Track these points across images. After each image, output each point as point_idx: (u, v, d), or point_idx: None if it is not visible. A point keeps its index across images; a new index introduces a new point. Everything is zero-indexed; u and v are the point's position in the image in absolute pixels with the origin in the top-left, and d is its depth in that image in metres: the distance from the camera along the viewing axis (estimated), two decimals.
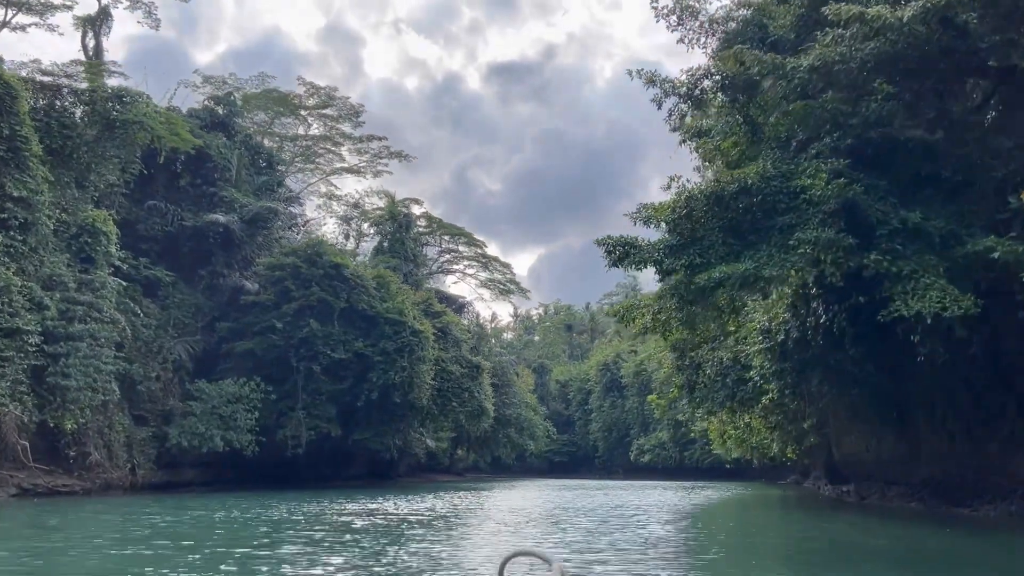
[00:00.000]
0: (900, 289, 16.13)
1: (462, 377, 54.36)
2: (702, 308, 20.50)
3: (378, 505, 28.83)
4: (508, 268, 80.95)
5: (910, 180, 18.62)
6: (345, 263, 49.42)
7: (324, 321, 47.26)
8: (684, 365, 32.28)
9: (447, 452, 74.02)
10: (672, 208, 18.36)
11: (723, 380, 29.35)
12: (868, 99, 18.60)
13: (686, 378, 32.40)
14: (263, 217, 50.03)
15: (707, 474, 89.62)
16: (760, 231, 17.77)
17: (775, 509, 30.61)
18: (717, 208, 17.94)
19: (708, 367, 29.99)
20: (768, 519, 24.59)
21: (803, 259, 16.77)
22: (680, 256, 18.11)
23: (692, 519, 24.68)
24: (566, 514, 24.21)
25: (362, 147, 67.47)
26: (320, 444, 49.42)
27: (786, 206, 17.59)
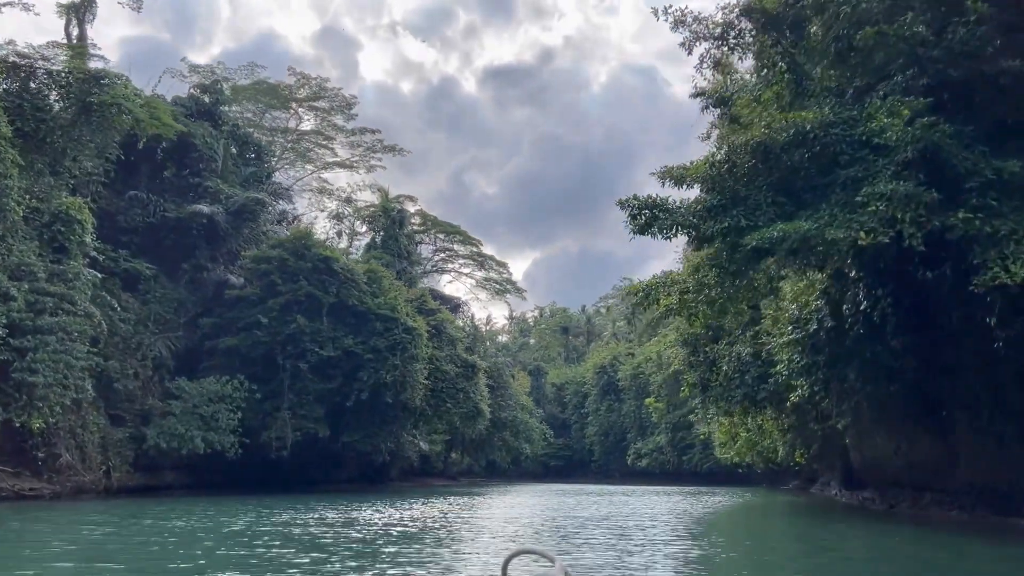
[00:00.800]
0: (997, 253, 13.46)
1: (457, 377, 51.66)
2: (743, 283, 17.73)
3: (359, 513, 26.13)
4: (504, 267, 78.53)
5: (1000, 126, 15.81)
6: (335, 256, 46.76)
7: (312, 317, 44.58)
8: (697, 361, 29.71)
9: (441, 456, 71.23)
10: (710, 163, 15.65)
11: (741, 377, 26.77)
12: (956, 23, 15.68)
13: (699, 375, 29.80)
14: (250, 209, 47.36)
15: (706, 479, 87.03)
16: (817, 188, 15.11)
17: (802, 517, 27.88)
18: (765, 162, 15.25)
19: (725, 363, 27.41)
20: (804, 530, 21.90)
21: (875, 218, 14.09)
22: (721, 219, 15.36)
23: (716, 530, 22.16)
24: (574, 525, 21.55)
25: (355, 140, 64.88)
26: (307, 446, 46.69)
27: (850, 157, 14.93)
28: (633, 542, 16.90)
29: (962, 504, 23.13)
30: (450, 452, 76.68)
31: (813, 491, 54.91)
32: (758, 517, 26.66)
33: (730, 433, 38.93)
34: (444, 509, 29.60)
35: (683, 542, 17.66)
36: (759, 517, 26.79)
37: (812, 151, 14.93)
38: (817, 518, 26.54)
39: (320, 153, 67.53)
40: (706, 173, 15.75)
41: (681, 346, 30.74)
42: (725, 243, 15.56)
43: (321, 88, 61.99)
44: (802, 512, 30.04)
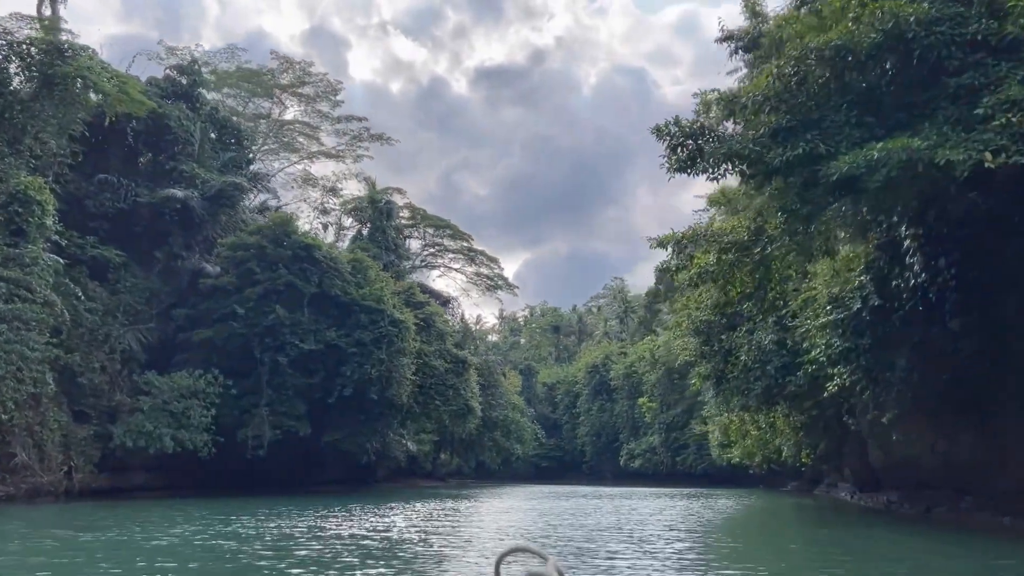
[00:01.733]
0: None
1: (446, 373, 48.57)
2: (815, 232, 14.56)
3: (330, 521, 23.02)
4: (496, 263, 75.36)
5: None
6: (316, 244, 43.61)
7: (292, 308, 41.43)
8: (711, 351, 26.70)
9: (430, 456, 68.02)
10: (775, 75, 12.44)
11: (762, 368, 23.81)
12: None
13: (712, 367, 26.82)
14: (227, 194, 44.19)
15: (701, 480, 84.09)
16: (915, 105, 12.08)
17: (835, 524, 24.66)
18: (845, 73, 12.12)
19: (744, 352, 24.44)
20: (851, 540, 18.82)
21: (1005, 134, 11.06)
22: (792, 144, 12.12)
23: (748, 539, 19.25)
24: (584, 535, 18.51)
25: (341, 128, 61.70)
26: (287, 445, 43.50)
27: (960, 62, 11.95)
28: (664, 560, 13.87)
29: (1010, 509, 20.23)
30: (439, 452, 73.51)
31: (817, 493, 52.05)
32: (786, 524, 23.61)
33: (740, 431, 35.96)
34: (428, 514, 26.52)
35: (721, 556, 14.68)
36: (787, 524, 23.72)
37: (909, 56, 11.86)
38: (853, 525, 23.54)
39: (305, 143, 64.36)
40: (768, 89, 12.52)
41: (692, 335, 27.73)
42: (797, 176, 12.42)
43: (305, 73, 58.84)
44: (830, 517, 26.93)
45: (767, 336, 23.36)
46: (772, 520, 24.92)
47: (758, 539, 20.45)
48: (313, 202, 61.44)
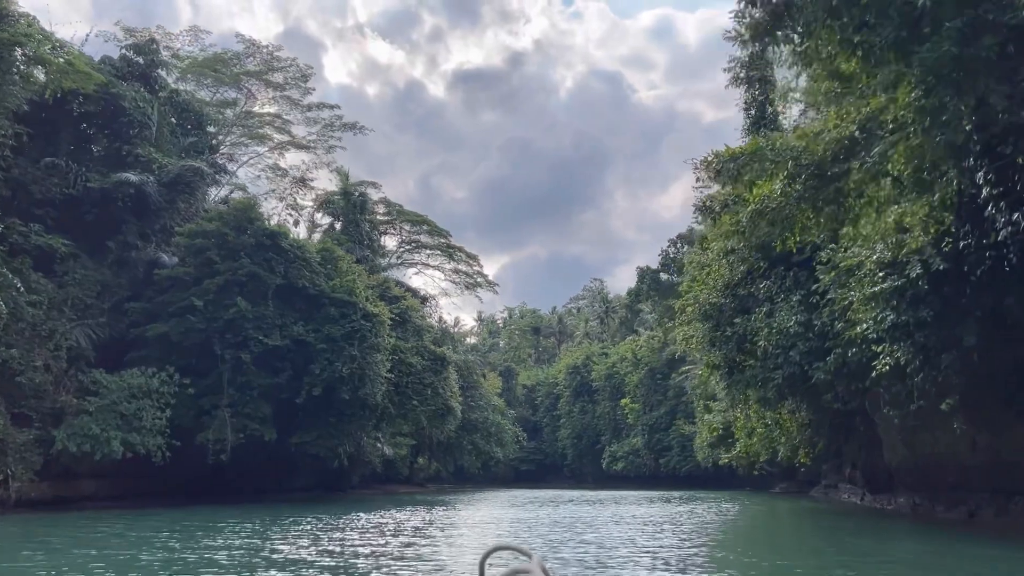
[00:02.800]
0: None
1: (424, 371, 45.06)
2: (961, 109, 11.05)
3: (281, 536, 19.52)
4: (475, 260, 71.79)
5: None
6: (283, 231, 39.97)
7: (256, 300, 37.81)
8: (722, 338, 23.48)
9: (407, 460, 64.33)
10: None
11: (784, 354, 20.60)
12: None
13: (724, 355, 23.59)
14: (186, 180, 40.47)
15: (685, 482, 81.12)
16: None
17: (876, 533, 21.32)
18: None
19: (763, 337, 21.24)
20: (913, 555, 15.73)
21: None
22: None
23: (788, 554, 16.04)
24: (600, 554, 15.20)
25: (312, 116, 57.99)
26: (252, 450, 39.86)
27: None
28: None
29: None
30: (416, 457, 69.87)
31: (815, 495, 49.09)
32: (818, 533, 20.24)
33: (745, 428, 32.74)
34: (399, 525, 23.06)
35: None
36: (819, 533, 20.33)
37: None
38: (894, 533, 20.29)
39: (275, 135, 60.56)
40: None
41: (700, 320, 24.46)
42: (956, 25, 8.95)
43: (273, 58, 55.15)
44: (866, 525, 23.43)
45: (791, 317, 20.16)
46: (802, 528, 21.56)
47: (795, 551, 17.25)
48: (281, 192, 57.65)
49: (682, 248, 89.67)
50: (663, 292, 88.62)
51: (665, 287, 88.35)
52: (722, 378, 24.76)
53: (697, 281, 25.70)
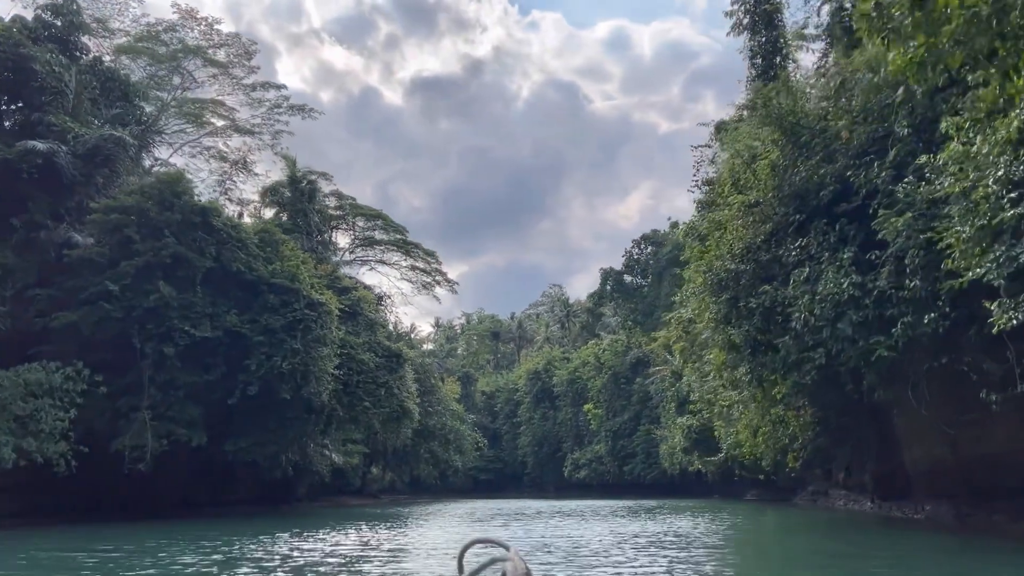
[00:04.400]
0: None
1: (377, 369, 39.75)
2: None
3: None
4: (433, 257, 66.57)
5: None
6: (214, 208, 34.51)
7: (182, 286, 32.35)
8: (743, 311, 18.72)
9: (359, 470, 58.69)
10: None
11: (830, 327, 15.89)
12: None
13: (746, 333, 18.86)
14: (105, 151, 34.89)
15: (651, 490, 76.68)
16: None
17: (939, 553, 16.70)
18: None
19: (800, 308, 16.45)
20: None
21: None
22: None
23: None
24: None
25: (257, 97, 52.52)
26: (180, 458, 34.38)
27: None
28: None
29: None
30: (370, 466, 64.32)
31: (799, 502, 44.87)
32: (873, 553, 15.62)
33: (751, 427, 28.08)
34: (328, 552, 17.93)
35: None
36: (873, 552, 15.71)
37: None
38: (968, 553, 15.76)
39: (217, 123, 54.82)
40: None
41: (714, 291, 19.64)
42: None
43: (212, 29, 49.67)
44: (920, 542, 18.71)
45: (842, 280, 15.49)
46: (874, 551, 16.77)
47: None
48: (220, 175, 51.83)
49: (647, 249, 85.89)
50: (627, 294, 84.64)
51: (629, 289, 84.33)
52: (742, 362, 19.99)
53: (709, 246, 21.10)
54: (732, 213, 20.13)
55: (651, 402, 75.64)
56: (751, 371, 19.54)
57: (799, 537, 20.06)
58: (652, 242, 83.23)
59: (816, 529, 22.57)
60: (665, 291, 78.49)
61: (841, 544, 17.46)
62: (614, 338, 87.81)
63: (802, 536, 20.26)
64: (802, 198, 17.81)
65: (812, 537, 19.84)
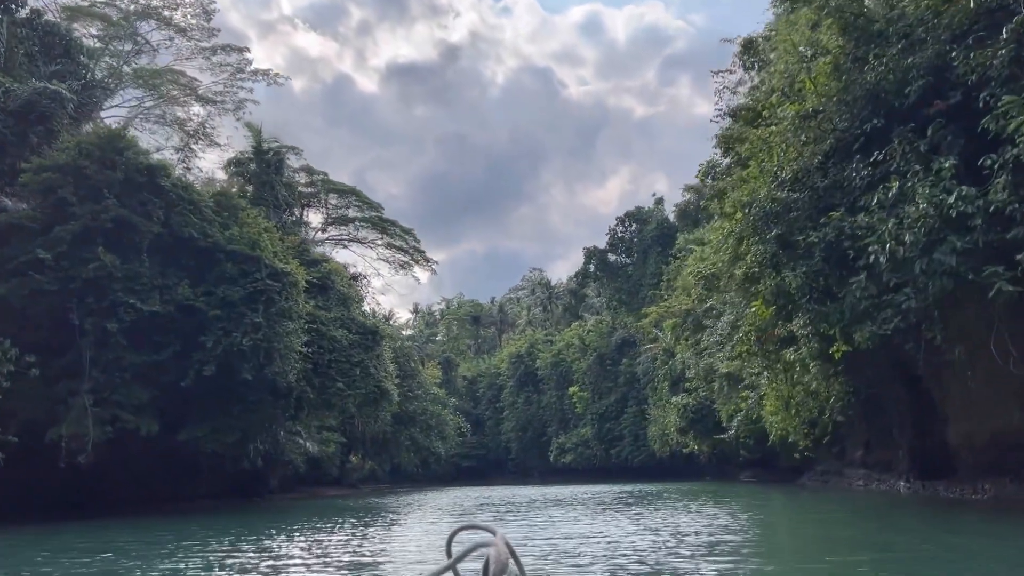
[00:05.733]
0: None
1: (351, 347, 35.67)
2: None
3: None
4: (411, 235, 62.26)
5: None
6: (163, 166, 30.22)
7: (126, 254, 28.12)
8: (801, 249, 14.68)
9: (336, 459, 54.58)
10: None
11: (923, 259, 11.98)
12: None
13: (803, 276, 14.73)
14: (39, 107, 30.50)
15: (639, 473, 73.26)
16: None
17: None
18: None
19: (884, 235, 12.52)
20: None
21: None
22: None
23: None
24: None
25: (218, 62, 48.02)
26: (131, 449, 30.28)
27: None
28: None
29: None
30: (348, 455, 60.27)
31: (807, 482, 41.44)
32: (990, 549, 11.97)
33: (784, 399, 24.26)
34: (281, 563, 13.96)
35: None
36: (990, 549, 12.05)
37: None
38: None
39: (176, 93, 50.17)
40: None
41: (756, 229, 15.55)
42: None
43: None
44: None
45: (943, 196, 11.62)
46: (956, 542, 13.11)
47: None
48: (177, 142, 47.27)
49: (631, 227, 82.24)
50: (612, 273, 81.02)
51: (614, 268, 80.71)
52: (798, 313, 16.03)
53: (750, 172, 17.15)
54: (782, 129, 16.29)
55: (639, 383, 72.21)
56: (810, 323, 15.65)
57: (870, 524, 16.40)
58: (636, 219, 79.62)
59: (884, 515, 18.86)
60: (651, 269, 75.07)
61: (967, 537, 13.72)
62: (598, 319, 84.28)
63: (873, 523, 16.61)
64: (878, 101, 14.05)
65: (909, 524, 16.03)
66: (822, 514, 20.26)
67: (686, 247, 65.51)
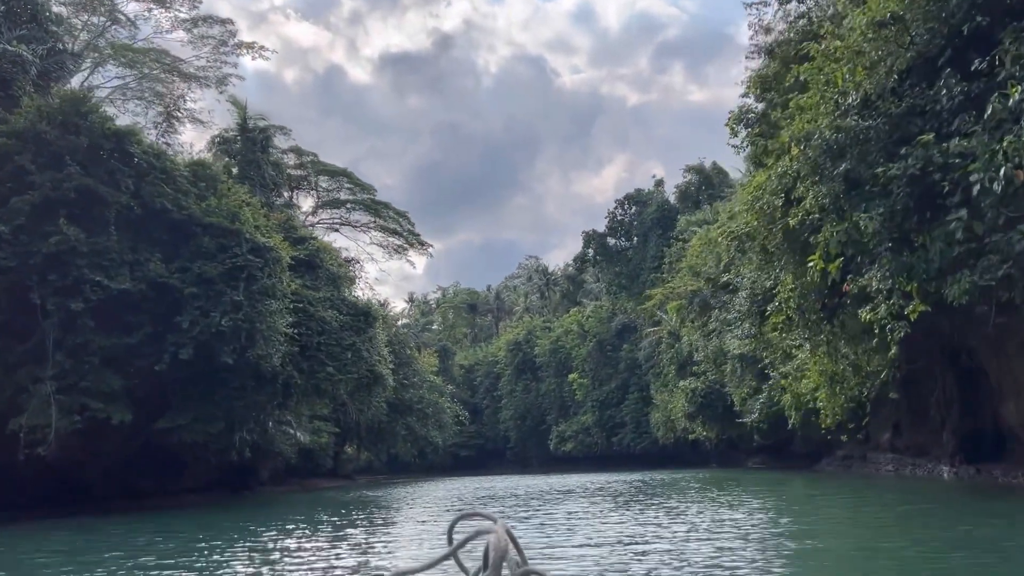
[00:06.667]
0: None
1: (342, 329, 32.98)
2: None
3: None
4: (405, 218, 59.59)
5: None
6: (132, 132, 27.40)
7: (92, 227, 25.35)
8: (880, 184, 11.86)
9: (330, 450, 51.91)
10: None
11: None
12: None
13: (881, 217, 11.89)
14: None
15: (642, 460, 70.80)
16: None
17: None
18: None
19: (999, 157, 9.88)
20: None
21: None
22: None
23: None
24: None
25: (200, 34, 45.12)
26: (109, 440, 27.62)
27: None
28: None
29: None
30: (343, 445, 57.66)
31: (826, 468, 38.97)
32: None
33: (829, 372, 21.70)
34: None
35: None
36: None
37: None
38: None
39: (156, 73, 47.18)
40: None
41: (815, 168, 12.64)
42: None
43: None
44: None
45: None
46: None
47: None
48: (156, 116, 44.33)
49: (631, 210, 79.53)
50: (611, 258, 78.36)
51: (613, 252, 78.05)
52: (877, 261, 13.23)
53: (808, 100, 14.25)
54: (850, 43, 13.49)
55: (640, 369, 69.69)
56: (889, 276, 12.89)
57: (969, 518, 13.84)
58: (636, 202, 76.93)
59: (968, 505, 16.16)
60: (651, 252, 72.48)
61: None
62: (598, 304, 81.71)
63: (969, 517, 14.05)
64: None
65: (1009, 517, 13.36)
66: (893, 505, 17.53)
67: (688, 229, 63.06)
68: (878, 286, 12.63)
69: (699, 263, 48.50)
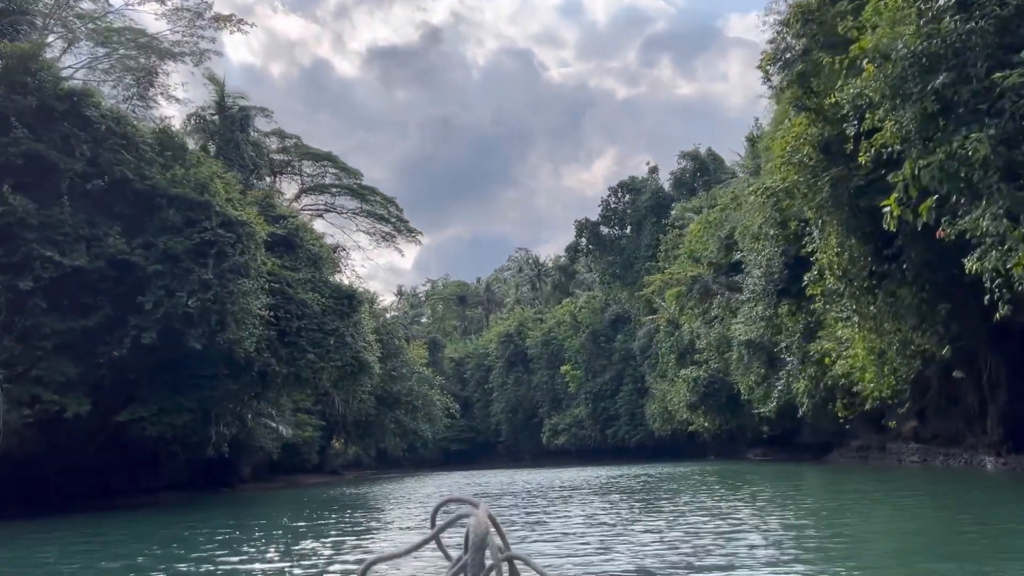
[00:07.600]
0: None
1: (325, 313, 30.28)
2: None
3: None
4: (393, 204, 56.89)
5: None
6: (88, 92, 24.62)
7: (43, 198, 22.60)
8: (992, 100, 9.47)
9: (315, 444, 49.14)
10: None
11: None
12: None
13: (991, 139, 9.43)
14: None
15: (637, 454, 68.41)
16: None
17: None
18: None
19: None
20: None
21: None
22: None
23: None
24: None
25: (174, 6, 42.19)
26: (72, 434, 24.92)
27: None
28: None
29: None
30: (330, 439, 54.92)
31: (840, 459, 36.65)
32: None
33: (876, 350, 19.20)
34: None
35: None
36: None
37: None
38: None
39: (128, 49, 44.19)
40: None
41: (895, 88, 10.19)
42: None
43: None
44: None
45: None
46: None
47: None
48: (126, 89, 41.38)
49: (624, 198, 77.07)
50: (604, 247, 75.89)
51: (606, 241, 75.59)
52: (988, 191, 10.59)
53: (875, 17, 11.59)
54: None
55: (635, 360, 67.28)
56: (1008, 208, 10.38)
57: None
58: (630, 190, 74.42)
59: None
60: (645, 241, 70.10)
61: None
62: (591, 295, 79.30)
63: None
64: None
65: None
66: (980, 505, 14.87)
67: (684, 215, 60.73)
68: (987, 227, 10.14)
69: (699, 248, 46.12)
